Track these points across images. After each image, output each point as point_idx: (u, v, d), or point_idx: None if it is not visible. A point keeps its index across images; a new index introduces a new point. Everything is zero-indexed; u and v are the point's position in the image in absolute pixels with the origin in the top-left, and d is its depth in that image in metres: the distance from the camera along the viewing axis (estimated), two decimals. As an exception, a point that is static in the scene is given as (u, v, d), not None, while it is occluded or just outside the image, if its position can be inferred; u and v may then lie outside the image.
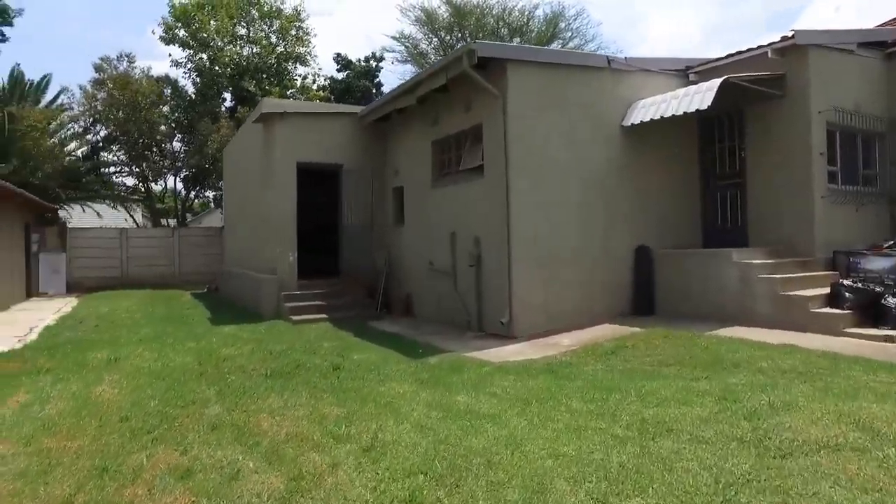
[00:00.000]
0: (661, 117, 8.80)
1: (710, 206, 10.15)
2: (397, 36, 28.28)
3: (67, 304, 14.93)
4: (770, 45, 8.77)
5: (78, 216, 23.57)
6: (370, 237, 12.46)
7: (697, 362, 6.07)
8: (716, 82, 8.06)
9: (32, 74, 27.44)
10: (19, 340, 9.89)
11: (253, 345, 8.39)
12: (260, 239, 13.05)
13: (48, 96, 22.37)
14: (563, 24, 28.19)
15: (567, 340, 7.87)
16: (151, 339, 8.98)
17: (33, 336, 10.07)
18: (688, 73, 10.12)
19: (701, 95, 8.15)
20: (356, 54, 28.27)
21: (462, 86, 9.30)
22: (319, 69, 31.61)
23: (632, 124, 9.33)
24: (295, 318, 10.67)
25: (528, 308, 8.53)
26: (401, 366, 6.86)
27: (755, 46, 9.16)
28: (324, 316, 10.96)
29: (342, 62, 26.46)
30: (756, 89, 8.64)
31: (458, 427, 4.53)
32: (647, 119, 9.06)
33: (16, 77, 22.14)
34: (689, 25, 56.99)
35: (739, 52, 9.51)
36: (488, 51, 8.39)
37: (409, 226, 11.66)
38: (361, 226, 12.49)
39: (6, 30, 23.06)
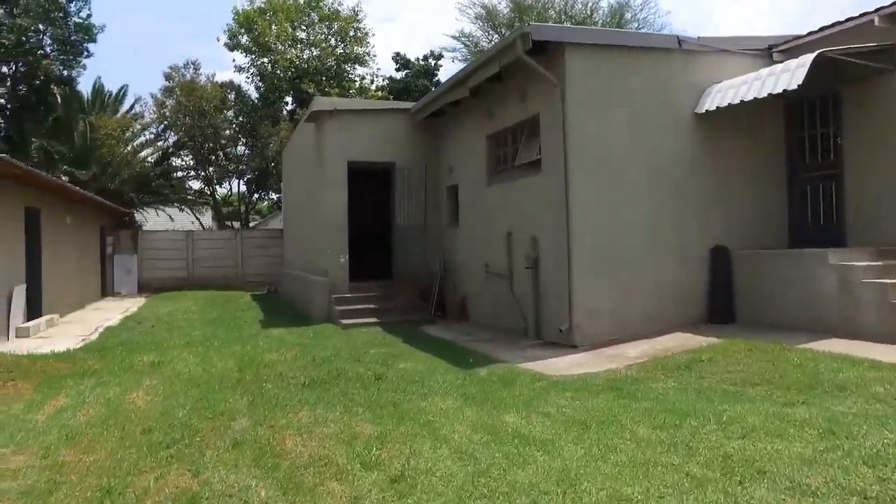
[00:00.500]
0: (742, 101, 7.81)
1: (798, 201, 8.99)
2: (457, 35, 27.88)
3: (135, 305, 15.36)
4: (877, 10, 7.57)
5: (152, 219, 24.58)
6: (424, 238, 11.99)
7: (790, 382, 5.15)
8: (808, 57, 7.02)
9: (111, 86, 28.94)
10: (83, 340, 10.08)
11: (297, 350, 8.08)
12: (313, 240, 12.88)
13: (125, 106, 23.49)
14: (628, 15, 26.92)
15: (633, 351, 7.06)
16: (199, 342, 8.87)
17: (94, 336, 10.25)
18: (771, 51, 9.01)
19: (790, 74, 7.13)
20: (416, 55, 28.03)
21: (517, 74, 8.65)
22: (378, 69, 31.69)
23: (706, 111, 8.37)
24: (345, 321, 10.34)
25: (591, 315, 7.77)
26: (447, 377, 6.31)
27: (857, 15, 7.96)
28: (374, 320, 10.58)
29: (401, 62, 26.27)
30: (858, 64, 7.50)
31: (504, 455, 3.92)
32: (724, 104, 8.09)
33: (97, 89, 23.38)
34: (770, 13, 53.37)
35: (837, 23, 8.30)
36: (544, 33, 7.70)
37: (464, 226, 11.11)
38: (415, 226, 12.04)
39: (90, 46, 24.45)
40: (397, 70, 26.72)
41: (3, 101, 23.69)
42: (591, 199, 7.90)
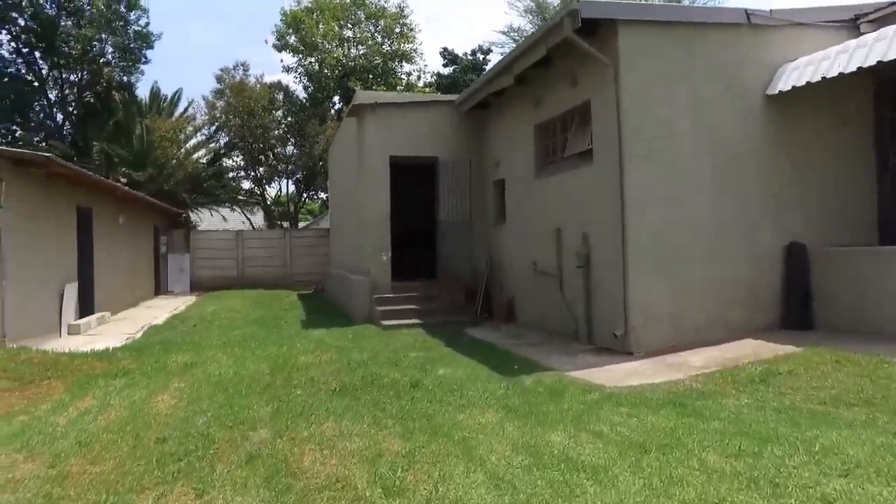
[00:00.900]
0: (824, 78, 6.92)
1: (890, 192, 7.95)
2: (506, 30, 27.21)
3: (184, 303, 15.53)
4: None
5: (207, 219, 25.10)
6: (469, 235, 11.43)
7: None
8: (906, 25, 6.10)
9: (167, 90, 29.80)
10: (127, 338, 10.12)
11: (334, 353, 7.71)
12: (355, 239, 12.58)
13: (179, 109, 24.08)
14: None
15: (698, 360, 6.31)
16: (237, 343, 8.65)
17: (138, 335, 10.27)
18: (858, 22, 8.01)
19: (885, 43, 6.21)
20: (464, 50, 27.54)
21: (566, 57, 8.01)
22: (425, 65, 31.34)
23: (780, 91, 7.49)
24: (385, 322, 9.95)
25: (648, 318, 7.06)
26: (489, 386, 5.76)
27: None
28: (417, 321, 10.13)
29: (448, 57, 25.80)
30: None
31: (547, 483, 3.37)
32: (802, 83, 7.20)
33: (154, 93, 24.09)
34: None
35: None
36: (594, 10, 7.03)
37: (512, 222, 10.52)
38: (460, 223, 11.51)
39: (147, 53, 25.27)
40: (445, 66, 26.29)
41: (71, 107, 24.72)
42: (648, 191, 7.19)
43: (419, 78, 24.53)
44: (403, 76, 23.85)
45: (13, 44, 23.57)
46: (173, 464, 3.91)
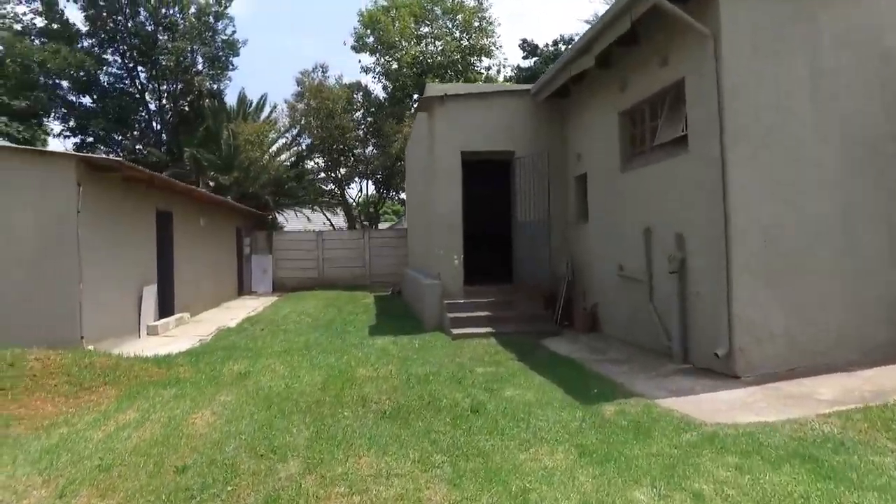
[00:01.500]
0: None
1: None
2: (590, 20, 25.70)
3: (263, 304, 15.65)
4: None
5: (292, 221, 25.62)
6: (549, 236, 10.40)
7: None
8: None
9: (252, 95, 30.90)
10: (199, 340, 10.09)
11: (395, 365, 7.12)
12: (426, 240, 12.00)
13: (264, 113, 24.72)
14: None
15: (827, 391, 5.09)
16: (298, 350, 8.29)
17: (208, 338, 10.22)
18: None
19: None
20: (545, 41, 26.32)
21: (655, 32, 6.95)
22: (505, 59, 30.37)
23: (935, 58, 6.04)
24: (455, 331, 9.25)
25: (760, 336, 5.88)
26: (562, 415, 4.90)
27: None
28: (489, 330, 9.35)
29: (528, 48, 24.70)
30: None
31: (627, 571, 2.50)
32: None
33: (241, 99, 24.91)
34: None
35: None
36: (692, -31, 5.95)
37: (594, 221, 9.49)
38: (538, 223, 10.54)
39: (234, 60, 26.25)
40: (525, 58, 25.22)
41: (167, 116, 26.13)
42: (758, 183, 6.00)
43: (499, 72, 23.68)
44: (483, 71, 23.08)
45: (119, 60, 25.21)
46: (184, 502, 3.41)
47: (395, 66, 21.95)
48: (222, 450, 4.27)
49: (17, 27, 24.19)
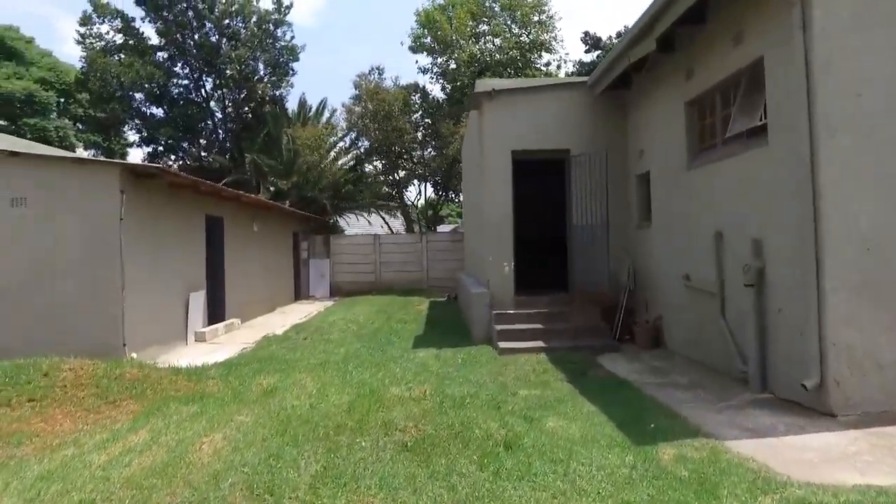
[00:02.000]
0: None
1: None
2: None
3: (316, 310, 15.49)
4: None
5: (353, 224, 25.65)
6: (607, 241, 9.47)
7: None
8: None
9: (312, 100, 31.36)
10: (243, 348, 9.93)
11: (433, 384, 6.53)
12: (477, 245, 11.36)
13: (324, 118, 24.87)
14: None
15: (952, 438, 4.06)
16: (334, 363, 7.87)
17: (251, 346, 10.02)
18: None
19: None
20: (608, 33, 25.06)
21: (726, 7, 6.01)
22: (566, 54, 29.18)
23: None
24: (503, 344, 8.56)
25: (861, 365, 4.85)
26: (609, 457, 4.14)
27: None
28: (541, 344, 8.59)
29: (590, 41, 23.52)
30: None
31: None
32: None
33: (301, 104, 25.20)
34: None
35: None
36: (773, -74, 5.01)
37: (658, 224, 8.55)
38: (596, 227, 9.61)
39: (294, 65, 26.60)
40: (587, 52, 24.03)
41: (231, 123, 26.84)
42: (858, 180, 4.98)
43: (559, 67, 22.65)
44: (542, 67, 22.15)
45: (187, 71, 26.12)
46: (150, 560, 2.95)
47: (452, 65, 21.43)
48: (218, 485, 3.82)
49: (100, 44, 25.52)
